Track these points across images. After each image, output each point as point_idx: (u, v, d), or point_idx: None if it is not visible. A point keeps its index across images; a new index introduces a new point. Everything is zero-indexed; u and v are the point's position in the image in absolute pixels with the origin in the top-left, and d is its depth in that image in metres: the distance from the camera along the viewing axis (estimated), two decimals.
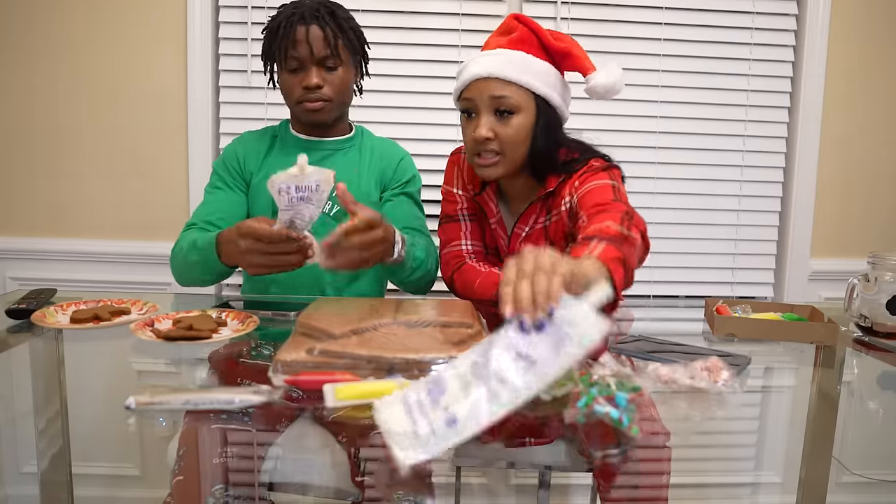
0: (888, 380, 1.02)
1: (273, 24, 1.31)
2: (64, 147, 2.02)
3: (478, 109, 1.13)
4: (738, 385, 0.79)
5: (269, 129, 1.45)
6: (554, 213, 1.19)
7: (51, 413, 0.89)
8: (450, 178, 1.33)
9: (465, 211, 1.30)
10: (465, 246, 1.28)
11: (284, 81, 1.33)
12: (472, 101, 1.14)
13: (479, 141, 1.12)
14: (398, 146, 1.48)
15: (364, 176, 1.39)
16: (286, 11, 1.30)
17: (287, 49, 1.28)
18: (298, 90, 1.30)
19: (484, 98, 1.12)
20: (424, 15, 2.02)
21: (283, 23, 1.28)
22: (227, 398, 0.70)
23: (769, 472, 0.98)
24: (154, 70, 2.00)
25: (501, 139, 1.12)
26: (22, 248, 2.02)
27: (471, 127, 1.14)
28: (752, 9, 2.07)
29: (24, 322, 1.01)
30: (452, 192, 1.32)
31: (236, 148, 1.41)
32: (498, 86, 1.11)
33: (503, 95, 1.11)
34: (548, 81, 1.14)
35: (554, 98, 1.15)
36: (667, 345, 0.97)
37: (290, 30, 1.27)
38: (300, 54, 1.27)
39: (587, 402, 0.70)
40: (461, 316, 0.91)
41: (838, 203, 2.17)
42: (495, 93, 1.11)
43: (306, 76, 1.29)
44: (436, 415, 0.64)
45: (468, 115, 1.16)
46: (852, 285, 1.11)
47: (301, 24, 1.27)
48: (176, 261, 1.26)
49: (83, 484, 0.88)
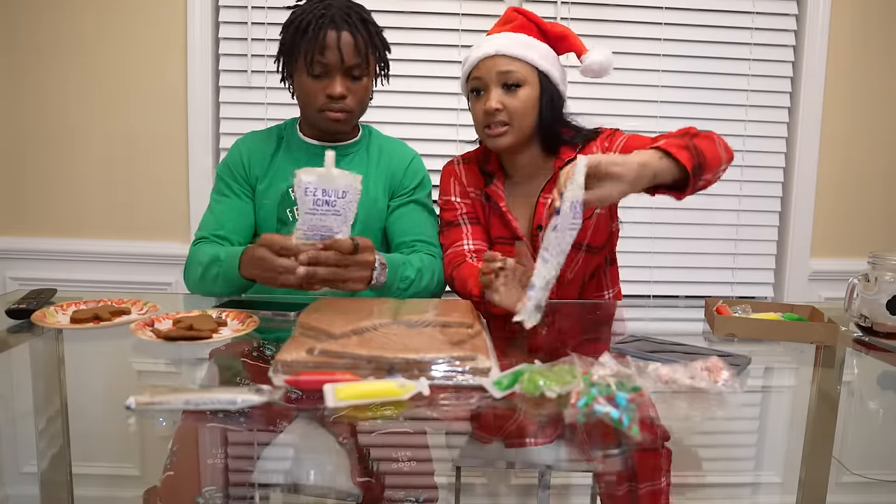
0: (888, 380, 1.02)
1: (300, 22, 1.22)
2: (64, 147, 2.02)
3: (486, 86, 1.22)
4: (738, 385, 0.79)
5: (275, 130, 1.40)
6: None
7: (51, 413, 0.89)
8: (447, 189, 1.37)
9: (465, 216, 1.34)
10: (467, 245, 1.31)
11: (305, 85, 1.25)
12: (480, 79, 1.22)
13: (490, 112, 1.20)
14: (407, 147, 1.44)
15: (371, 180, 1.35)
16: (314, 10, 1.22)
17: (314, 53, 1.20)
18: (321, 98, 1.24)
19: (492, 74, 1.21)
20: (425, 15, 2.02)
21: (311, 23, 1.20)
22: (227, 398, 0.70)
23: (769, 472, 0.98)
24: (154, 70, 2.00)
25: (510, 110, 1.21)
26: (22, 248, 2.02)
27: (480, 102, 1.23)
28: (752, 9, 2.07)
29: (24, 322, 1.01)
30: (451, 201, 1.36)
31: (241, 150, 1.36)
32: (505, 62, 1.21)
33: (510, 70, 1.20)
34: (548, 59, 1.25)
35: (555, 75, 1.25)
36: (667, 345, 0.97)
37: (320, 32, 1.19)
38: (328, 60, 1.21)
39: (587, 402, 0.70)
40: (461, 316, 0.91)
41: (838, 203, 2.17)
42: (502, 68, 1.20)
43: (331, 84, 1.23)
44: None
45: (477, 93, 1.24)
46: (852, 285, 1.11)
47: (332, 28, 1.20)
48: (193, 274, 1.24)
49: (83, 484, 0.88)
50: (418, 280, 1.22)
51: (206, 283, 1.21)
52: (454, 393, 0.75)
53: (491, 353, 0.82)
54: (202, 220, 1.34)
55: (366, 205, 1.33)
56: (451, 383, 0.76)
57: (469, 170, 1.37)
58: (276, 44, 1.31)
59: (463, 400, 0.75)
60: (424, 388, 0.73)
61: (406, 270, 1.19)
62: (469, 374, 0.76)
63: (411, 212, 1.36)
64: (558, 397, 0.72)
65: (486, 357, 0.78)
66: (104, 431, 0.89)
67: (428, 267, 1.26)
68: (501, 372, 0.77)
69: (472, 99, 1.27)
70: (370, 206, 1.34)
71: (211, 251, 1.21)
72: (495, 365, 0.78)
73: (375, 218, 1.36)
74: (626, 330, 1.10)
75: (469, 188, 1.35)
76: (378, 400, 0.72)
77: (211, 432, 0.79)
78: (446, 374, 0.76)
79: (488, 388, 0.74)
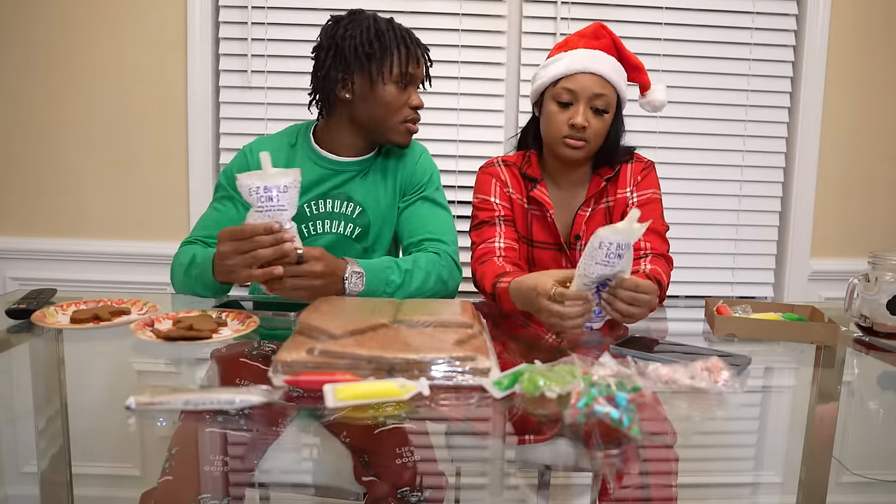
0: (888, 380, 1.02)
1: (373, 30, 1.24)
2: (64, 147, 2.02)
3: (577, 100, 1.28)
4: (738, 385, 0.79)
5: (284, 138, 1.37)
6: (611, 198, 1.37)
7: (51, 413, 0.89)
8: (486, 189, 1.39)
9: (502, 217, 1.37)
10: (497, 243, 1.32)
11: (387, 94, 1.26)
12: (574, 92, 1.27)
13: (577, 127, 1.26)
14: (416, 145, 1.42)
15: (384, 191, 1.36)
16: (378, 25, 1.25)
17: (406, 62, 1.25)
18: (406, 109, 1.29)
19: (587, 93, 1.27)
20: (424, 15, 2.02)
21: (389, 33, 1.25)
22: (227, 398, 0.70)
23: (769, 472, 0.98)
24: (154, 70, 2.00)
25: (593, 130, 1.27)
26: (22, 248, 2.02)
27: (566, 114, 1.28)
28: (752, 9, 2.07)
29: (24, 322, 1.01)
30: (489, 201, 1.37)
31: (247, 160, 1.34)
32: (599, 84, 1.27)
33: (603, 94, 1.27)
34: (625, 87, 1.33)
35: (624, 103, 1.34)
36: (667, 345, 0.97)
37: (407, 43, 1.26)
38: (415, 72, 1.27)
39: (587, 402, 0.70)
40: (461, 316, 0.91)
41: (838, 203, 2.17)
42: (597, 90, 1.27)
43: (414, 95, 1.29)
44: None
45: (563, 104, 1.29)
46: (852, 285, 1.11)
47: (411, 44, 1.27)
48: (177, 275, 1.24)
49: (83, 484, 0.88)
50: (408, 282, 1.19)
51: (189, 284, 1.21)
52: (454, 393, 0.75)
53: (491, 353, 0.82)
54: (197, 222, 1.33)
55: (380, 215, 1.35)
56: (451, 383, 0.76)
57: (511, 173, 1.39)
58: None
59: (463, 400, 0.75)
60: (424, 389, 0.73)
61: (391, 275, 1.17)
62: (469, 374, 0.76)
63: (419, 209, 1.36)
64: (558, 397, 0.72)
65: (486, 357, 0.78)
66: (104, 431, 0.89)
67: (423, 267, 1.22)
68: (501, 372, 0.77)
69: (552, 106, 1.30)
70: (385, 214, 1.36)
71: (191, 251, 1.21)
72: (495, 365, 0.78)
73: (388, 224, 1.37)
74: (627, 330, 1.10)
75: (511, 191, 1.38)
76: (378, 400, 0.72)
77: (210, 434, 0.79)
78: (446, 375, 0.76)
79: (488, 388, 0.74)
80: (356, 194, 1.34)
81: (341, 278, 1.10)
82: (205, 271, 1.14)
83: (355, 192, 1.34)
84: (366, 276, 1.13)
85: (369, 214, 1.34)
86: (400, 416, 0.73)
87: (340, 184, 1.33)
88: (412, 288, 1.20)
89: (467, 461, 0.97)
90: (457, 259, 1.32)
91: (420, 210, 1.36)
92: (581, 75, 1.27)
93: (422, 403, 0.72)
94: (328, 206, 1.33)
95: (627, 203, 1.36)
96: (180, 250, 1.26)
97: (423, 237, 1.32)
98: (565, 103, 1.28)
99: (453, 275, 1.29)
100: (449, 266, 1.28)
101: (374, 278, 1.15)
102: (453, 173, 2.05)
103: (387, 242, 1.39)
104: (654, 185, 1.38)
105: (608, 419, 0.68)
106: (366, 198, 1.34)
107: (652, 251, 1.30)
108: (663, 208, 1.39)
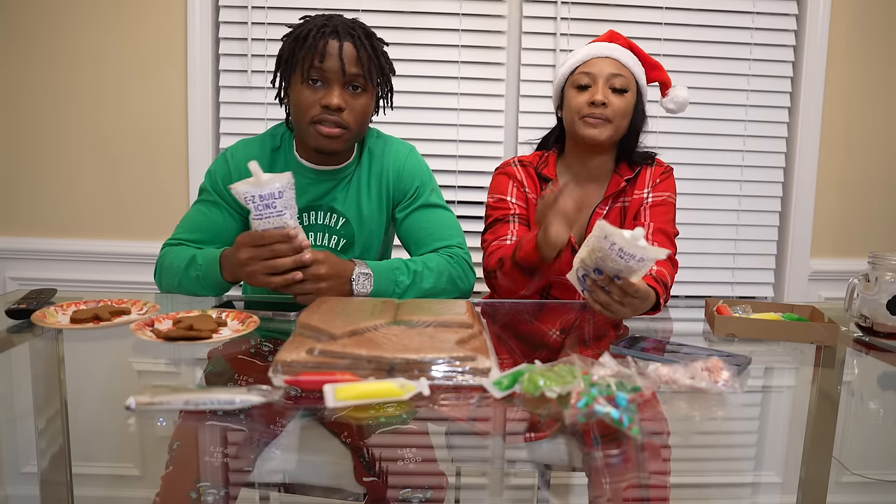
0: (888, 380, 1.02)
1: (300, 32, 1.18)
2: (64, 147, 2.02)
3: (595, 80, 1.31)
4: (738, 385, 0.79)
5: (267, 141, 1.30)
6: (628, 198, 1.39)
7: (51, 413, 0.89)
8: (503, 189, 1.40)
9: (517, 216, 1.37)
10: (510, 241, 1.33)
11: (299, 95, 1.18)
12: (590, 74, 1.31)
13: (596, 104, 1.28)
14: (399, 146, 1.35)
15: (366, 200, 1.32)
16: (316, 22, 1.19)
17: (312, 59, 1.15)
18: (316, 108, 1.17)
19: (604, 73, 1.30)
20: (425, 15, 2.03)
21: (312, 32, 1.16)
22: (227, 398, 0.70)
23: (769, 472, 0.98)
24: (154, 70, 2.00)
25: (614, 108, 1.30)
26: (22, 248, 2.02)
27: (585, 94, 1.31)
28: (752, 9, 2.07)
29: (24, 322, 1.01)
30: (506, 201, 1.39)
31: (229, 164, 1.27)
32: (616, 66, 1.31)
33: (619, 74, 1.30)
34: (644, 79, 1.36)
35: (644, 94, 1.37)
36: (666, 344, 0.97)
37: (321, 41, 1.15)
38: (327, 67, 1.15)
39: (587, 402, 0.70)
40: (461, 316, 0.91)
41: (838, 203, 2.17)
42: (613, 70, 1.30)
43: (328, 94, 1.16)
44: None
45: (581, 88, 1.32)
46: (852, 285, 1.11)
47: (334, 37, 1.16)
48: (168, 275, 1.21)
49: (83, 484, 0.88)
50: (418, 282, 1.18)
51: (186, 284, 1.19)
52: (454, 393, 0.75)
53: (491, 353, 0.82)
54: (180, 222, 1.29)
55: (362, 224, 1.32)
56: (451, 383, 0.76)
57: (528, 173, 1.40)
58: (276, 44, 1.30)
59: (463, 400, 0.75)
60: (424, 389, 0.73)
61: (399, 275, 1.17)
62: (469, 374, 0.76)
63: (421, 218, 1.31)
64: (558, 397, 0.72)
65: (486, 357, 0.78)
66: (104, 431, 0.89)
67: (434, 268, 1.21)
68: (501, 372, 0.77)
69: (571, 93, 1.33)
70: (367, 224, 1.32)
71: (187, 252, 1.20)
72: (495, 365, 0.78)
73: (375, 234, 1.34)
74: (627, 330, 1.10)
75: (528, 191, 1.39)
76: (378, 400, 0.72)
77: (211, 430, 0.79)
78: (446, 375, 0.76)
79: (488, 388, 0.74)
80: (338, 204, 1.30)
81: (349, 280, 1.10)
82: (209, 272, 1.14)
83: (337, 202, 1.30)
84: (374, 276, 1.13)
85: (353, 225, 1.31)
86: (402, 417, 0.73)
87: (323, 194, 1.29)
88: (423, 288, 1.19)
89: (467, 461, 0.97)
90: (470, 261, 1.29)
91: (422, 218, 1.31)
92: (598, 59, 1.32)
93: (422, 403, 0.72)
94: (311, 217, 1.29)
95: (642, 203, 1.37)
96: (169, 251, 1.24)
97: (433, 247, 1.28)
98: (584, 86, 1.31)
99: (467, 275, 1.27)
100: (462, 267, 1.26)
101: (383, 279, 1.15)
102: (453, 173, 2.05)
103: (374, 253, 1.36)
104: (670, 189, 1.40)
105: (608, 419, 0.68)
106: (348, 208, 1.30)
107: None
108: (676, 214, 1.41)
